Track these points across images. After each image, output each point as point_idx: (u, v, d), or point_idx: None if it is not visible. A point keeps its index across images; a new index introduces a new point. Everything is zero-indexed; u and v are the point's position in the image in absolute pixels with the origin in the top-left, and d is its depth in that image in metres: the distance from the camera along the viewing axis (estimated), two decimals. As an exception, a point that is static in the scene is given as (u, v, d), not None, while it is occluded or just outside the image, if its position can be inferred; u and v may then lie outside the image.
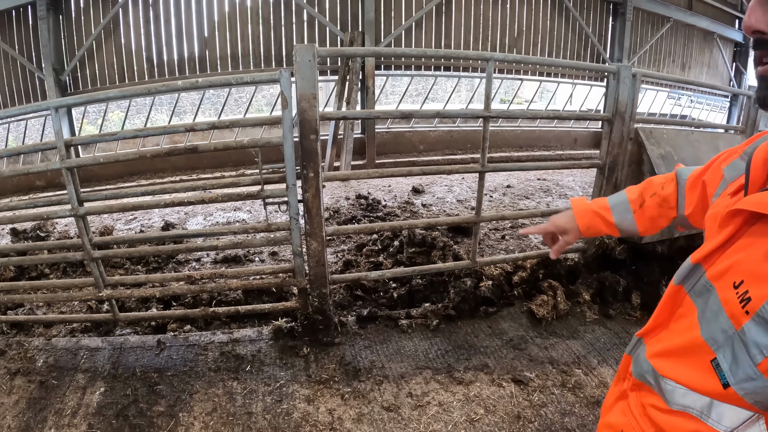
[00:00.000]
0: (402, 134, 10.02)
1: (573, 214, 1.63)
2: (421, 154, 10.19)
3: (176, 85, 2.99)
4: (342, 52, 3.70)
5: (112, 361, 3.05)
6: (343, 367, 3.01)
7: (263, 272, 3.08)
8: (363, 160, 9.33)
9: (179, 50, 8.75)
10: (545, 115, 3.38)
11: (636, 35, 11.86)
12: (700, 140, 4.22)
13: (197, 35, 8.73)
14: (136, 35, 8.53)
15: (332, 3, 9.03)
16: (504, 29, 10.49)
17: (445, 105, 11.30)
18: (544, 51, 10.99)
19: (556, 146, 11.56)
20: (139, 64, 8.62)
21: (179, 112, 16.18)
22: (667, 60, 12.82)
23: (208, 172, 8.50)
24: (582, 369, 3.14)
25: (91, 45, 8.30)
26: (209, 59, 8.81)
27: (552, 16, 10.91)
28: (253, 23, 8.80)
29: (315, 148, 2.73)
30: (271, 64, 8.98)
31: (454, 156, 10.18)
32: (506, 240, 5.35)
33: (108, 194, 3.00)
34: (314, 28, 9.08)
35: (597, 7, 11.43)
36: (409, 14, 9.53)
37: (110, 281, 3.15)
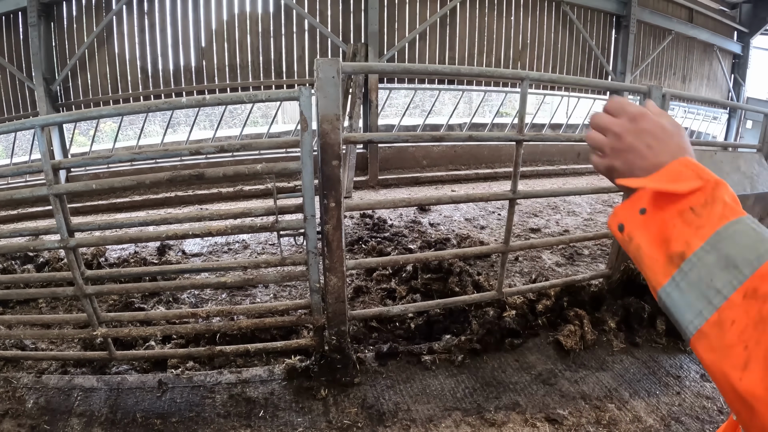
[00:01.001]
0: (405, 149, 9.84)
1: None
2: (424, 169, 10.01)
3: (179, 102, 2.72)
4: (369, 68, 3.48)
5: (110, 404, 2.79)
6: (366, 410, 2.77)
7: (276, 309, 2.83)
8: (365, 176, 9.13)
9: (175, 60, 8.51)
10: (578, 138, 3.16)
11: (638, 48, 11.82)
12: (723, 160, 4.08)
13: (194, 45, 8.51)
14: (131, 44, 8.28)
15: (334, 14, 8.85)
16: (509, 42, 10.40)
17: (448, 119, 11.16)
18: (548, 64, 10.91)
19: (559, 161, 11.45)
20: (133, 74, 8.36)
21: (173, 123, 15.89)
22: (668, 72, 12.80)
23: (205, 187, 8.23)
24: (615, 403, 2.97)
25: (83, 54, 8.05)
26: (206, 70, 8.57)
27: (556, 29, 10.83)
28: (252, 33, 8.59)
29: (338, 175, 2.50)
30: (270, 76, 8.77)
31: (458, 172, 10.01)
32: (520, 262, 5.16)
33: (102, 224, 2.74)
34: (316, 40, 8.89)
35: (600, 20, 11.39)
36: (413, 26, 9.38)
37: (105, 318, 2.89)
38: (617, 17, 11.45)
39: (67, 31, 8.04)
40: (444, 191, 8.91)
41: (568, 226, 6.72)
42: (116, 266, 4.76)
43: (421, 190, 8.98)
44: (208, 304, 4.14)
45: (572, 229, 6.56)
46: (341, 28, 8.97)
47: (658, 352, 3.58)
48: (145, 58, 8.39)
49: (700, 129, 15.20)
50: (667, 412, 2.93)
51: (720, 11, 13.61)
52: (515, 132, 2.96)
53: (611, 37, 11.66)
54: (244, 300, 4.19)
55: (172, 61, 8.49)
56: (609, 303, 3.84)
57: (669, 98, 3.56)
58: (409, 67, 2.90)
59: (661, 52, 12.45)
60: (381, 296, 4.13)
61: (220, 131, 12.62)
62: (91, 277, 2.81)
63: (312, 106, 2.42)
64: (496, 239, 5.90)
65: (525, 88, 2.83)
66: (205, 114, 19.26)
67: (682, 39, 12.80)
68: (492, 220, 6.79)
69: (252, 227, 2.59)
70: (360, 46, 8.29)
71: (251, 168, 2.51)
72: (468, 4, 9.79)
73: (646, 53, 12.12)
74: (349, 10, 8.93)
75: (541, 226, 6.58)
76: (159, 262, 4.97)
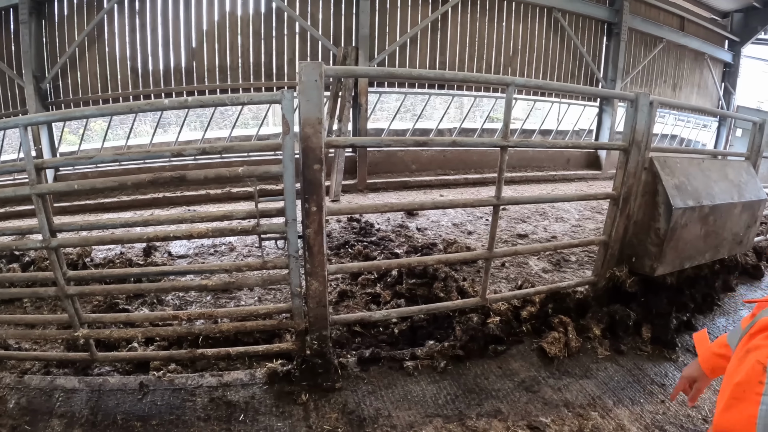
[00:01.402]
0: (394, 154, 9.83)
1: (697, 365, 1.76)
2: (413, 174, 10.00)
3: (162, 104, 2.70)
4: (353, 71, 3.43)
5: (90, 406, 2.76)
6: (347, 416, 2.75)
7: (258, 312, 2.81)
8: (354, 179, 9.11)
9: (165, 61, 8.45)
10: (564, 145, 3.18)
11: (629, 55, 11.89)
12: (711, 168, 4.10)
13: (185, 46, 8.46)
14: (121, 44, 8.22)
15: (326, 17, 8.83)
16: (499, 48, 10.43)
17: (438, 124, 11.17)
18: (539, 70, 10.95)
19: (549, 167, 11.49)
20: (123, 73, 8.30)
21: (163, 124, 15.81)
22: (658, 80, 12.88)
23: (193, 188, 8.19)
24: (598, 411, 2.97)
25: (73, 52, 7.98)
26: (197, 71, 8.53)
27: (547, 36, 10.88)
28: (243, 35, 8.56)
29: (319, 179, 2.48)
30: (260, 78, 8.73)
31: (447, 176, 10.02)
32: (506, 268, 5.15)
33: (84, 224, 2.71)
34: (306, 42, 8.87)
35: (592, 27, 11.45)
36: (404, 30, 9.38)
37: (87, 319, 2.86)
38: (609, 24, 11.50)
39: (58, 29, 7.97)
40: (432, 196, 8.91)
41: (556, 232, 6.72)
42: (102, 267, 4.72)
43: (409, 195, 8.97)
44: (193, 306, 4.11)
45: (560, 236, 6.56)
46: (332, 32, 8.95)
47: (643, 359, 3.59)
48: (136, 58, 8.34)
49: (690, 137, 15.30)
50: (651, 420, 2.93)
51: (711, 20, 13.72)
52: (500, 138, 2.95)
53: (602, 44, 11.72)
54: (228, 303, 4.16)
55: (162, 61, 8.43)
56: (594, 310, 3.84)
57: (656, 106, 3.57)
58: (393, 71, 2.88)
59: (652, 60, 12.53)
60: (365, 301, 4.10)
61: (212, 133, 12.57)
62: (73, 278, 2.79)
63: (294, 109, 2.40)
64: (482, 245, 5.89)
65: (510, 93, 2.82)
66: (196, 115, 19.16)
67: (673, 47, 12.89)
68: (480, 226, 6.78)
69: (233, 230, 2.56)
70: (350, 49, 8.29)
71: (233, 171, 2.49)
72: (459, 9, 9.81)
73: (637, 61, 12.19)
74: (341, 14, 8.92)
75: (529, 232, 6.58)
76: (144, 263, 4.93)
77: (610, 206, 3.73)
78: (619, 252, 3.86)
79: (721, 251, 4.26)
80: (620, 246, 3.83)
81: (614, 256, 3.85)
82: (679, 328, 4.01)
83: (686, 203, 3.60)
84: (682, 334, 3.98)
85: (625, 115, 3.65)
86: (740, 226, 4.26)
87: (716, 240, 4.07)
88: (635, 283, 3.85)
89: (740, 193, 4.13)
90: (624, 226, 3.75)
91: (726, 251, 4.32)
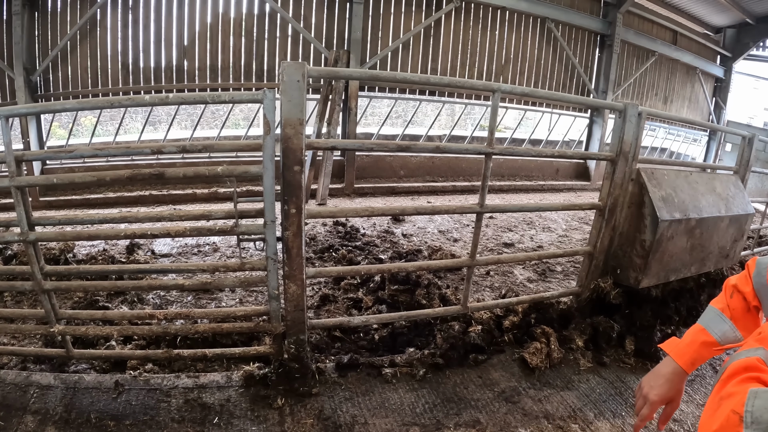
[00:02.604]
0: (382, 159, 9.81)
1: (671, 360, 1.56)
2: (401, 179, 9.98)
3: (142, 100, 2.65)
4: (336, 73, 3.36)
5: (65, 403, 2.69)
6: (322, 422, 2.70)
7: (236, 314, 2.76)
8: (341, 183, 9.08)
9: (156, 58, 8.39)
10: (550, 154, 3.16)
11: (621, 68, 11.96)
12: (699, 181, 4.10)
13: (176, 43, 8.40)
14: (113, 39, 8.15)
15: (319, 20, 8.82)
16: (491, 56, 10.45)
17: (428, 130, 11.19)
18: (530, 79, 11.00)
19: (537, 176, 11.51)
20: (114, 69, 8.22)
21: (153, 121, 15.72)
22: (650, 93, 12.97)
23: (179, 187, 8.12)
24: (579, 424, 2.94)
25: (65, 46, 7.90)
26: (187, 69, 8.47)
27: (540, 46, 10.92)
28: (235, 35, 8.52)
29: (299, 181, 2.44)
30: (251, 78, 8.69)
31: (435, 183, 10.01)
32: (491, 276, 5.13)
33: (62, 219, 2.65)
34: (298, 44, 8.85)
35: (585, 38, 11.51)
36: (396, 36, 9.38)
37: (63, 315, 2.80)
38: (602, 36, 11.57)
39: (50, 22, 7.88)
40: (420, 202, 8.88)
41: (543, 241, 6.72)
42: (84, 263, 4.65)
43: (397, 200, 8.94)
44: (173, 306, 4.05)
45: (546, 245, 6.56)
46: (324, 35, 8.94)
47: (625, 372, 3.57)
48: (127, 54, 8.27)
49: (679, 150, 15.41)
50: (633, 434, 2.91)
51: (704, 35, 13.84)
52: (485, 145, 2.93)
53: (595, 55, 11.79)
54: (209, 303, 4.11)
55: (153, 58, 8.37)
56: (577, 321, 3.82)
57: (645, 117, 3.56)
58: (377, 74, 2.85)
59: (644, 73, 12.62)
60: (347, 305, 4.06)
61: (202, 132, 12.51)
62: (51, 273, 2.73)
63: (276, 109, 2.36)
64: (468, 252, 5.85)
65: (496, 100, 2.79)
66: (187, 113, 19.10)
67: (665, 60, 12.98)
68: (466, 233, 6.76)
69: (211, 230, 2.52)
70: (342, 52, 8.26)
71: (212, 170, 2.44)
72: (453, 17, 9.83)
73: (629, 73, 12.27)
74: (334, 17, 8.91)
75: (515, 241, 6.57)
76: (127, 260, 4.87)
77: (596, 217, 3.72)
78: (604, 263, 3.84)
79: (707, 264, 4.25)
80: (605, 257, 3.82)
81: (599, 267, 3.83)
82: (663, 341, 3.99)
83: (673, 215, 3.58)
84: (666, 348, 3.97)
85: (613, 125, 3.64)
86: (727, 240, 4.26)
87: (702, 253, 4.06)
88: (619, 295, 3.83)
89: (728, 207, 4.13)
90: (609, 237, 3.73)
91: (712, 265, 4.32)
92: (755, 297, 1.46)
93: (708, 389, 3.54)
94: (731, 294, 1.53)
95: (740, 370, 1.02)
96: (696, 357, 1.53)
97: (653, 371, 1.58)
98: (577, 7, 11.09)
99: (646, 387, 1.57)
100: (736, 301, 1.50)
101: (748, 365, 1.02)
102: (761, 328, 1.18)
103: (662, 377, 1.55)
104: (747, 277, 1.50)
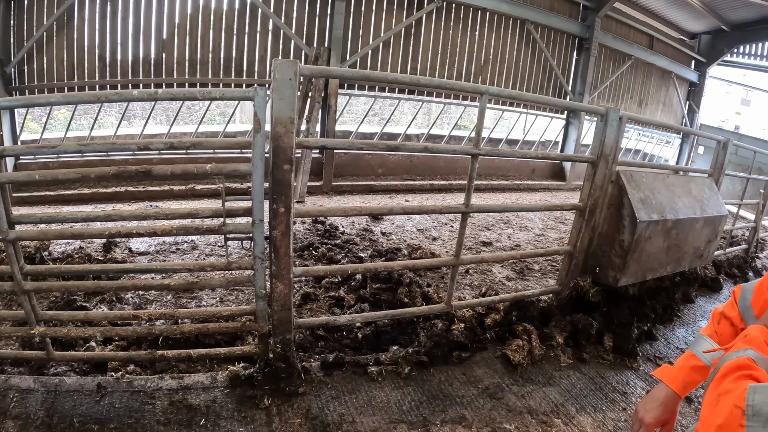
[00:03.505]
0: (361, 157, 9.79)
1: (664, 385, 1.61)
2: (379, 178, 9.96)
3: (131, 95, 2.62)
4: (329, 72, 3.34)
5: (46, 407, 2.63)
6: (310, 421, 2.70)
7: (221, 314, 2.74)
8: (320, 181, 9.03)
9: (134, 51, 8.21)
10: (534, 156, 3.21)
11: (598, 71, 12.14)
12: (675, 184, 4.20)
13: (155, 37, 8.24)
14: (90, 31, 7.95)
15: (300, 16, 8.75)
16: (471, 57, 10.51)
17: (406, 129, 11.19)
18: (509, 80, 11.09)
19: (514, 176, 11.63)
20: (91, 62, 8.04)
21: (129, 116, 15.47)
22: (625, 96, 13.18)
23: (156, 183, 7.98)
24: (561, 418, 3.01)
25: (41, 37, 7.69)
26: (166, 63, 8.33)
27: (519, 47, 11.02)
28: (215, 29, 8.39)
29: (288, 180, 2.43)
30: (230, 74, 8.59)
31: (413, 182, 10.04)
32: (470, 275, 5.18)
33: (44, 217, 2.60)
34: (279, 40, 8.77)
35: (563, 41, 11.65)
36: (377, 34, 9.36)
37: (44, 316, 2.74)
38: (580, 39, 11.71)
39: (27, 12, 7.66)
40: (398, 201, 8.90)
41: (520, 240, 6.80)
42: (60, 261, 4.56)
43: (375, 199, 8.94)
44: (153, 306, 4.00)
45: (524, 244, 6.64)
46: (305, 31, 8.87)
47: (605, 368, 3.66)
48: (104, 47, 8.08)
49: (653, 152, 15.71)
50: (614, 427, 2.99)
51: (680, 40, 14.12)
52: (471, 145, 2.95)
53: (572, 58, 11.93)
54: (189, 303, 4.06)
55: (131, 51, 8.18)
56: (557, 319, 3.90)
57: (625, 121, 3.64)
58: (369, 74, 2.86)
59: (620, 76, 12.82)
60: (329, 304, 4.06)
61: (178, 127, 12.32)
62: (31, 273, 2.67)
63: (267, 107, 2.35)
64: (447, 251, 5.91)
65: (484, 102, 2.82)
66: (162, 108, 18.81)
67: (641, 64, 13.21)
68: (444, 232, 6.81)
69: (198, 229, 2.49)
70: (323, 50, 8.22)
71: (200, 168, 2.42)
72: (433, 17, 9.85)
73: (605, 76, 12.46)
74: (315, 14, 8.85)
75: (493, 239, 6.64)
76: (104, 259, 4.78)
77: (576, 217, 3.78)
78: (584, 262, 3.91)
79: (683, 264, 4.37)
80: (585, 256, 3.89)
81: (578, 266, 3.90)
82: (641, 337, 4.10)
83: (651, 217, 3.67)
84: (643, 344, 4.08)
85: (594, 128, 3.70)
86: (701, 241, 4.37)
87: (678, 253, 4.17)
88: (598, 293, 3.92)
89: (702, 209, 4.24)
90: (589, 237, 3.80)
91: (687, 264, 4.43)
92: (741, 320, 1.55)
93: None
94: (718, 321, 1.62)
95: (734, 368, 1.10)
96: (687, 381, 1.59)
97: (648, 396, 1.63)
98: (557, 11, 11.21)
99: (641, 411, 1.62)
100: (723, 326, 1.60)
101: (741, 364, 1.10)
102: (746, 331, 1.26)
103: (657, 401, 1.60)
104: (733, 304, 1.59)
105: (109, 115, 17.68)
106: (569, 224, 3.91)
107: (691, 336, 4.46)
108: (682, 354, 1.66)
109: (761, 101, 39.72)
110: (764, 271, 6.69)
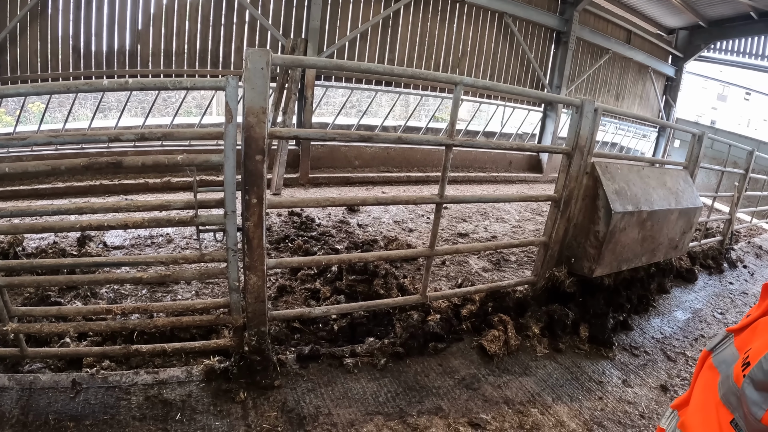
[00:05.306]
0: (338, 149, 9.76)
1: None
2: (356, 169, 9.96)
3: (101, 85, 2.57)
4: (301, 62, 3.30)
5: (21, 405, 2.57)
6: (286, 414, 2.69)
7: (195, 307, 2.71)
8: (296, 173, 8.98)
9: (109, 42, 8.05)
10: (508, 147, 3.22)
11: (576, 64, 12.23)
12: (650, 176, 4.25)
13: (130, 27, 8.09)
14: (65, 21, 7.77)
15: (277, 7, 8.65)
16: (449, 49, 10.52)
17: (383, 121, 11.19)
18: (486, 72, 11.14)
19: (491, 168, 11.70)
20: (65, 53, 7.87)
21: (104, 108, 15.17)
22: (603, 89, 13.31)
23: (131, 177, 7.87)
24: (538, 408, 3.05)
25: (14, 27, 7.49)
26: (141, 54, 8.19)
27: (497, 40, 11.06)
28: (191, 20, 8.26)
29: (261, 170, 2.41)
30: (206, 65, 8.49)
31: (390, 174, 10.05)
32: (446, 266, 5.20)
33: (15, 211, 2.54)
34: (255, 31, 8.67)
35: (541, 34, 11.73)
36: (354, 25, 9.32)
37: (17, 312, 2.69)
38: (558, 33, 11.80)
39: None
40: (374, 192, 8.90)
41: (497, 232, 6.84)
42: (34, 256, 4.47)
43: (351, 191, 8.93)
44: (128, 300, 3.95)
45: (500, 236, 6.68)
46: (282, 22, 8.78)
47: (580, 358, 3.71)
48: (78, 38, 7.92)
49: (629, 145, 15.90)
50: (590, 416, 3.03)
51: (657, 35, 14.29)
52: (446, 136, 2.96)
53: (550, 51, 12.02)
54: (165, 297, 4.01)
55: (106, 42, 8.02)
56: (533, 309, 3.93)
57: (601, 113, 3.66)
58: (342, 63, 2.85)
59: (597, 70, 12.95)
60: (305, 296, 4.05)
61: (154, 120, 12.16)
62: (2, 268, 2.62)
63: (238, 97, 2.33)
64: (423, 242, 5.92)
65: (458, 93, 2.83)
66: (138, 100, 18.53)
67: (618, 58, 13.35)
68: (421, 224, 6.83)
69: (170, 221, 2.46)
70: (299, 41, 8.16)
71: (171, 159, 2.39)
72: (411, 8, 9.84)
73: (582, 69, 12.57)
74: (292, 5, 8.75)
75: (470, 231, 6.67)
76: (78, 253, 4.71)
77: (552, 208, 3.81)
78: (559, 253, 3.95)
79: (658, 255, 4.43)
80: (560, 247, 3.92)
81: (554, 257, 3.93)
82: (616, 327, 4.16)
83: (625, 208, 3.71)
84: (618, 334, 4.14)
85: (569, 120, 3.73)
86: (676, 232, 4.44)
87: (653, 244, 4.22)
88: (574, 284, 3.96)
89: (677, 201, 4.30)
90: (564, 228, 3.83)
91: (662, 255, 4.50)
92: None
93: (660, 374, 3.70)
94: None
95: None
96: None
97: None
98: (535, 4, 11.28)
99: None
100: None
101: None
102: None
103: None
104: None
105: (85, 108, 17.37)
106: (546, 216, 3.94)
107: (666, 326, 4.54)
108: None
109: (737, 97, 40.45)
110: (738, 263, 6.83)
